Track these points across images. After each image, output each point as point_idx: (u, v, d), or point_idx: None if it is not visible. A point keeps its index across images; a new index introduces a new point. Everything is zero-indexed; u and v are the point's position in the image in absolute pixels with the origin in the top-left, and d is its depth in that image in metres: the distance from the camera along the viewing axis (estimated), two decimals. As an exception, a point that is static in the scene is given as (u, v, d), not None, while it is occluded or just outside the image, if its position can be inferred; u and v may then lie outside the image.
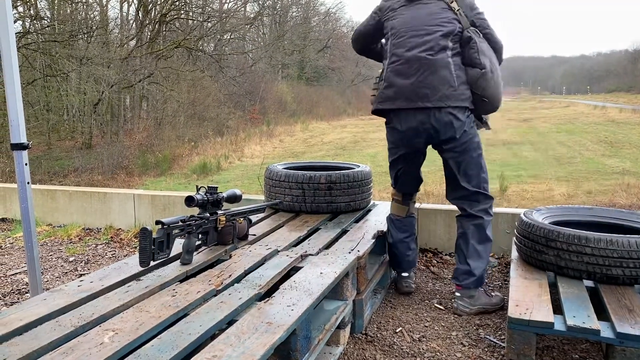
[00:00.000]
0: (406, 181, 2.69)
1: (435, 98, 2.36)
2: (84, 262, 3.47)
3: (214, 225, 2.24)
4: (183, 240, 2.10)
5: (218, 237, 2.30)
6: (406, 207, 2.73)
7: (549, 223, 2.50)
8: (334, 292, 2.09)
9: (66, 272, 3.28)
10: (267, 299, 1.76)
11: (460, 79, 2.37)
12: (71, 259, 3.54)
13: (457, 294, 2.53)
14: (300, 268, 2.10)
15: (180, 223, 2.04)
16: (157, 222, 1.97)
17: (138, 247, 1.93)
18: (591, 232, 2.23)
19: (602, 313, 1.97)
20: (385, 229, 2.77)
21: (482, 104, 2.43)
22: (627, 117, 25.69)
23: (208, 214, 2.20)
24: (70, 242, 3.95)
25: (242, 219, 2.41)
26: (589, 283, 2.22)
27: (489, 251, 2.56)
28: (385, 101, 2.50)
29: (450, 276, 2.96)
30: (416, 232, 2.94)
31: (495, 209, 3.36)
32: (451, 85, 2.36)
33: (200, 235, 2.20)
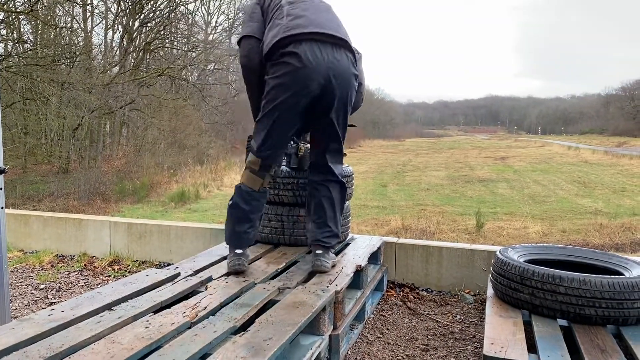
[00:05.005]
0: (279, 143, 2.46)
1: (342, 32, 2.38)
2: (55, 290, 3.39)
3: (295, 152, 2.79)
4: None
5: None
6: (261, 180, 2.45)
7: (524, 261, 2.53)
8: (311, 326, 2.07)
9: (36, 300, 3.19)
10: (243, 332, 1.73)
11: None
12: (42, 286, 3.45)
13: (319, 251, 2.53)
14: (277, 301, 2.08)
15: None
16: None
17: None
18: (565, 272, 2.26)
19: (575, 353, 1.99)
20: (363, 263, 2.77)
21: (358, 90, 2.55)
22: (600, 158, 26.46)
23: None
24: (42, 269, 3.85)
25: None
26: (563, 322, 2.25)
27: None
28: (292, 29, 2.25)
29: (427, 312, 2.97)
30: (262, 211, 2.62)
31: (472, 246, 3.40)
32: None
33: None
